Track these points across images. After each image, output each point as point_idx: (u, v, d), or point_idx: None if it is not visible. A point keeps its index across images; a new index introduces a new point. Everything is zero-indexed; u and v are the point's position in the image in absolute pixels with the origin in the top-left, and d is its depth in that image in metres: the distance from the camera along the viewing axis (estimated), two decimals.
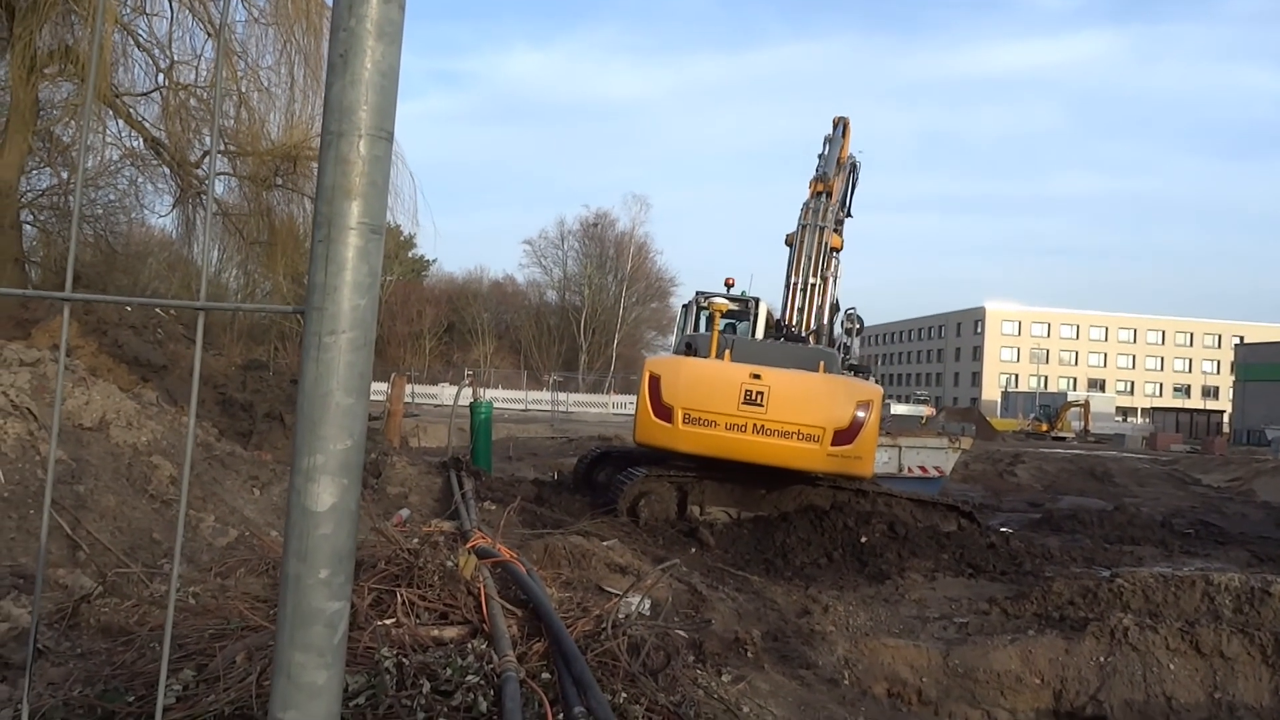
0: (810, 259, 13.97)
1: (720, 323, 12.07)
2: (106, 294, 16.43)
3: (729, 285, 14.22)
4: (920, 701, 6.80)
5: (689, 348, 12.01)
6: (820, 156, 15.62)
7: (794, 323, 13.87)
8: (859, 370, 13.11)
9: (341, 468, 1.03)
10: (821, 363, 11.46)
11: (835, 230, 14.33)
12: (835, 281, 14.28)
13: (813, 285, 13.93)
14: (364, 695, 3.42)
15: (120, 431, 7.08)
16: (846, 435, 10.68)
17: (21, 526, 5.56)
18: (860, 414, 10.72)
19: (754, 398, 10.70)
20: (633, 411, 12.07)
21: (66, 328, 1.21)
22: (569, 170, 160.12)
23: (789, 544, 10.46)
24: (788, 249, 14.47)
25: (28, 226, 19.12)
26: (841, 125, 16.02)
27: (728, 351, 11.48)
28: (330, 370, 1.03)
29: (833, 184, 14.61)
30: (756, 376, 10.80)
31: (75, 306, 11.75)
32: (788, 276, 14.20)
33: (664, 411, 10.86)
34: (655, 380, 11.01)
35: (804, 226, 14.23)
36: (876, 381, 13.16)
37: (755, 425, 10.66)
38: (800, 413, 10.69)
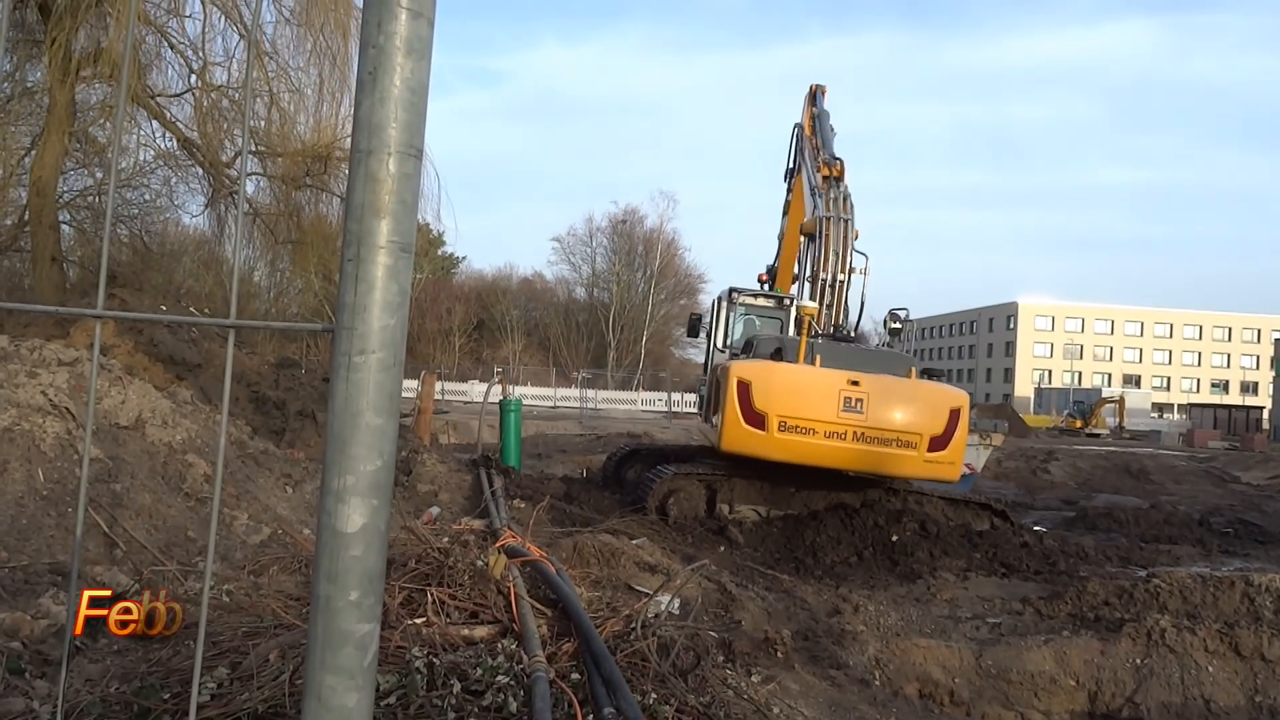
0: (838, 255, 13.53)
1: (795, 328, 11.69)
2: (142, 292, 16.64)
3: (762, 281, 14.08)
4: (952, 702, 6.74)
5: (778, 353, 11.75)
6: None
7: (822, 321, 13.57)
8: (933, 374, 12.88)
9: (371, 488, 1.02)
10: (912, 369, 11.44)
11: (827, 166, 13.83)
12: (864, 274, 13.83)
13: (841, 281, 13.60)
14: (395, 695, 3.44)
15: (156, 430, 7.17)
16: (941, 441, 10.74)
17: (60, 524, 5.65)
18: (954, 420, 10.71)
19: (854, 404, 10.62)
20: (662, 409, 12.04)
21: (98, 343, 1.22)
22: (598, 167, 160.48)
23: (819, 542, 10.40)
24: (804, 239, 13.94)
25: (65, 227, 19.41)
26: (818, 93, 15.52)
27: (817, 357, 11.29)
28: (360, 390, 1.01)
29: (839, 166, 14.10)
30: (855, 383, 10.71)
31: (112, 305, 11.91)
32: (813, 270, 13.67)
33: (756, 419, 10.66)
34: (745, 386, 10.79)
35: (825, 219, 13.67)
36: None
37: (855, 433, 10.60)
38: (898, 419, 10.69)
